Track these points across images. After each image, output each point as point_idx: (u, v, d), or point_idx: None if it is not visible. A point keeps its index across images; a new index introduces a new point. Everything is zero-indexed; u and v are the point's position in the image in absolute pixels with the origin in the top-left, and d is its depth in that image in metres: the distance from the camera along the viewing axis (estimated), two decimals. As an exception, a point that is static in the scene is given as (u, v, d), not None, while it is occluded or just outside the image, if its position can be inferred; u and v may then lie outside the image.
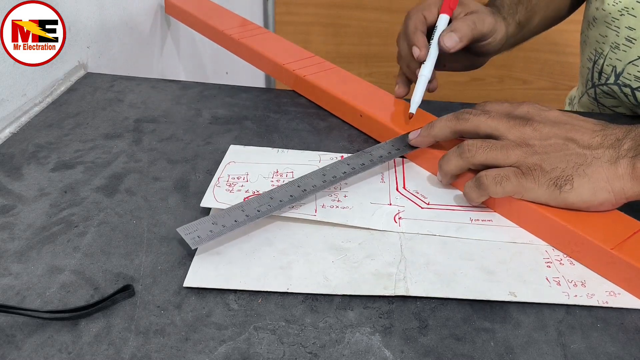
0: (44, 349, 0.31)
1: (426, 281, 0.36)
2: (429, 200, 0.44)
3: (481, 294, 0.35)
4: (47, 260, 0.37)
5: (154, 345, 0.32)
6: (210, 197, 0.43)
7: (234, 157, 0.49)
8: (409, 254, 0.38)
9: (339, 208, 0.42)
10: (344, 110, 0.55)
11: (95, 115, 0.56)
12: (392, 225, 0.41)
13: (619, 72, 0.60)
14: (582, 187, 0.38)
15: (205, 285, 0.35)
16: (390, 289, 0.35)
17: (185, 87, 0.62)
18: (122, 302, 0.34)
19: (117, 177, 0.46)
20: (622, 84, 0.60)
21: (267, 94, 0.62)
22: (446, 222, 0.41)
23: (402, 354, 0.32)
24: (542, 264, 0.38)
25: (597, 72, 0.64)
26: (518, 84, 1.54)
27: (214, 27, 0.72)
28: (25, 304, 0.34)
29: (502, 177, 0.40)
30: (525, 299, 0.35)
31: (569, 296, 0.35)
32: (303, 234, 0.40)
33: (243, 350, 0.31)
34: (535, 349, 0.32)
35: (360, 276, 0.36)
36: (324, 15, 1.51)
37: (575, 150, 0.40)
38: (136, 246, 0.39)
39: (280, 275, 0.36)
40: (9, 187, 0.45)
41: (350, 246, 0.39)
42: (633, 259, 0.35)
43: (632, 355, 0.32)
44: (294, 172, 0.46)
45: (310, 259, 0.38)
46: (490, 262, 0.38)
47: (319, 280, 0.36)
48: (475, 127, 0.43)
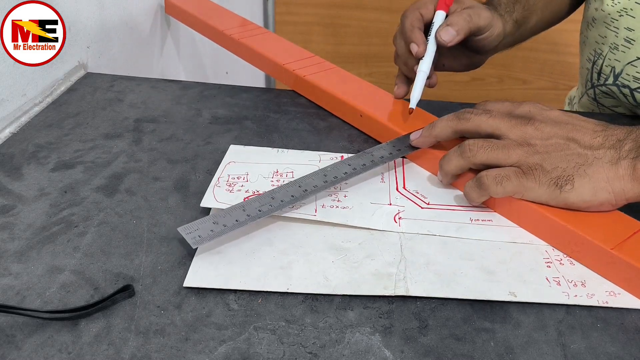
0: (44, 349, 0.31)
1: (426, 281, 0.36)
2: (429, 200, 0.44)
3: (481, 294, 0.35)
4: (47, 260, 0.37)
5: (154, 345, 0.32)
6: (210, 197, 0.43)
7: (234, 157, 0.49)
8: (409, 254, 0.38)
9: (339, 208, 0.42)
10: (344, 110, 0.55)
11: (95, 115, 0.56)
12: (392, 225, 0.41)
13: (618, 72, 0.60)
14: (583, 187, 0.38)
15: (205, 285, 0.35)
16: (390, 289, 0.35)
17: (185, 87, 0.62)
18: (122, 302, 0.34)
19: (117, 177, 0.46)
20: (620, 84, 0.60)
21: (267, 94, 0.62)
22: (446, 222, 0.41)
23: (402, 354, 0.32)
24: (542, 264, 0.38)
25: (596, 72, 0.64)
26: (518, 84, 1.54)
27: (214, 27, 0.72)
28: (25, 304, 0.34)
29: (502, 177, 0.40)
30: (526, 299, 0.35)
31: (569, 296, 0.35)
32: (303, 234, 0.40)
33: (243, 350, 0.31)
34: (535, 349, 0.32)
35: (360, 276, 0.36)
36: (324, 15, 1.51)
37: (577, 150, 0.40)
38: (136, 246, 0.39)
39: (280, 275, 0.36)
40: (9, 187, 0.45)
41: (350, 246, 0.39)
42: (633, 259, 0.35)
43: (632, 355, 0.32)
44: (294, 172, 0.46)
45: (310, 259, 0.38)
46: (490, 262, 0.38)
47: (319, 280, 0.36)
48: (477, 127, 0.43)
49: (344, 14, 1.51)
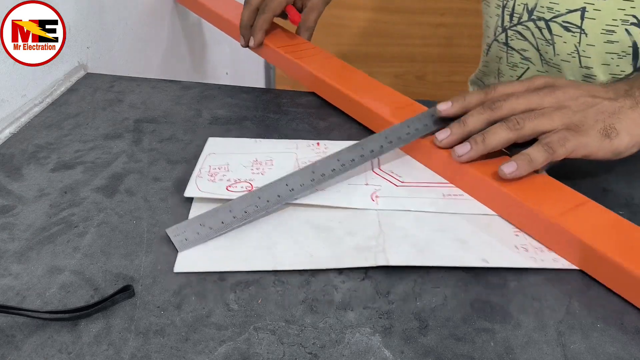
0: (44, 349, 0.31)
1: (404, 252, 0.38)
2: (403, 179, 0.46)
3: (456, 261, 0.37)
4: (47, 261, 0.37)
5: (154, 345, 0.32)
6: (193, 187, 0.44)
7: (213, 149, 0.50)
8: (387, 229, 0.40)
9: (318, 191, 0.44)
10: (322, 88, 0.57)
11: (95, 116, 0.56)
12: (370, 204, 0.43)
13: (532, 7, 0.62)
14: (624, 131, 0.42)
15: (194, 270, 0.37)
16: (370, 260, 0.37)
17: (185, 87, 0.62)
18: (122, 303, 0.34)
19: (117, 178, 0.46)
20: (536, 18, 0.62)
21: (267, 94, 0.62)
22: (421, 198, 0.43)
23: (402, 354, 0.32)
24: (511, 233, 0.40)
25: (507, 14, 0.65)
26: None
27: (217, 13, 0.74)
28: (25, 304, 0.34)
29: (562, 138, 0.41)
30: (497, 264, 0.37)
31: (536, 260, 0.38)
32: (287, 217, 0.42)
33: (243, 351, 0.31)
34: (535, 349, 0.32)
35: (342, 251, 0.38)
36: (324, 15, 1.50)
37: (603, 103, 0.43)
38: (136, 246, 0.39)
39: (266, 255, 0.38)
40: (9, 188, 0.45)
41: (332, 225, 0.41)
42: (573, 228, 0.37)
43: (632, 355, 0.32)
44: (273, 160, 0.48)
45: (294, 238, 0.39)
46: (463, 233, 0.40)
47: (304, 257, 0.38)
48: (512, 110, 0.44)
49: (344, 14, 1.51)
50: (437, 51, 1.53)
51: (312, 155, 0.49)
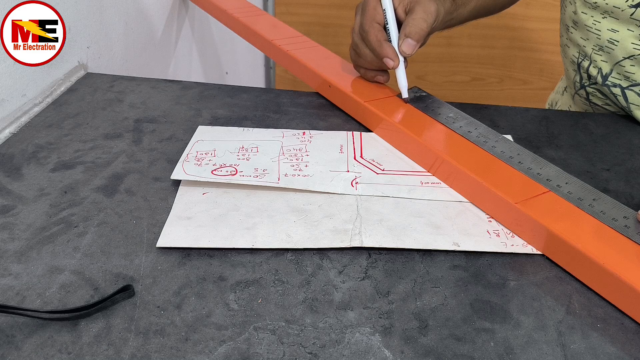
0: (44, 349, 0.31)
1: (379, 235, 0.39)
2: (384, 167, 0.47)
3: (428, 244, 0.39)
4: (47, 261, 0.37)
5: (154, 345, 0.32)
6: (179, 170, 0.46)
7: (202, 136, 0.51)
8: (364, 213, 0.42)
9: (300, 176, 0.45)
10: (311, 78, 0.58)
11: (95, 116, 0.56)
12: (350, 189, 0.44)
13: (607, 73, 0.60)
14: None
15: (176, 245, 0.38)
16: (346, 241, 0.39)
17: (185, 87, 0.62)
18: (122, 303, 0.34)
19: (117, 177, 0.46)
20: (611, 84, 0.60)
21: (267, 94, 0.62)
22: (399, 185, 0.45)
23: (402, 354, 0.32)
24: (484, 219, 0.42)
25: (584, 73, 0.64)
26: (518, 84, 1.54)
27: (216, 5, 0.75)
28: (25, 304, 0.34)
29: None
30: (467, 248, 0.39)
31: (507, 245, 0.39)
32: (267, 200, 0.43)
33: (243, 351, 0.31)
34: (535, 349, 0.32)
35: (320, 233, 0.40)
36: (324, 15, 1.51)
37: None
38: (136, 246, 0.39)
39: (246, 235, 0.39)
40: (9, 187, 0.45)
41: (311, 208, 0.42)
42: (534, 213, 0.38)
43: (632, 355, 0.32)
44: (259, 147, 0.49)
45: (274, 220, 0.41)
46: (438, 218, 0.42)
47: (282, 237, 0.39)
48: None
49: (344, 14, 1.51)
50: (437, 51, 1.53)
51: (297, 144, 0.50)
